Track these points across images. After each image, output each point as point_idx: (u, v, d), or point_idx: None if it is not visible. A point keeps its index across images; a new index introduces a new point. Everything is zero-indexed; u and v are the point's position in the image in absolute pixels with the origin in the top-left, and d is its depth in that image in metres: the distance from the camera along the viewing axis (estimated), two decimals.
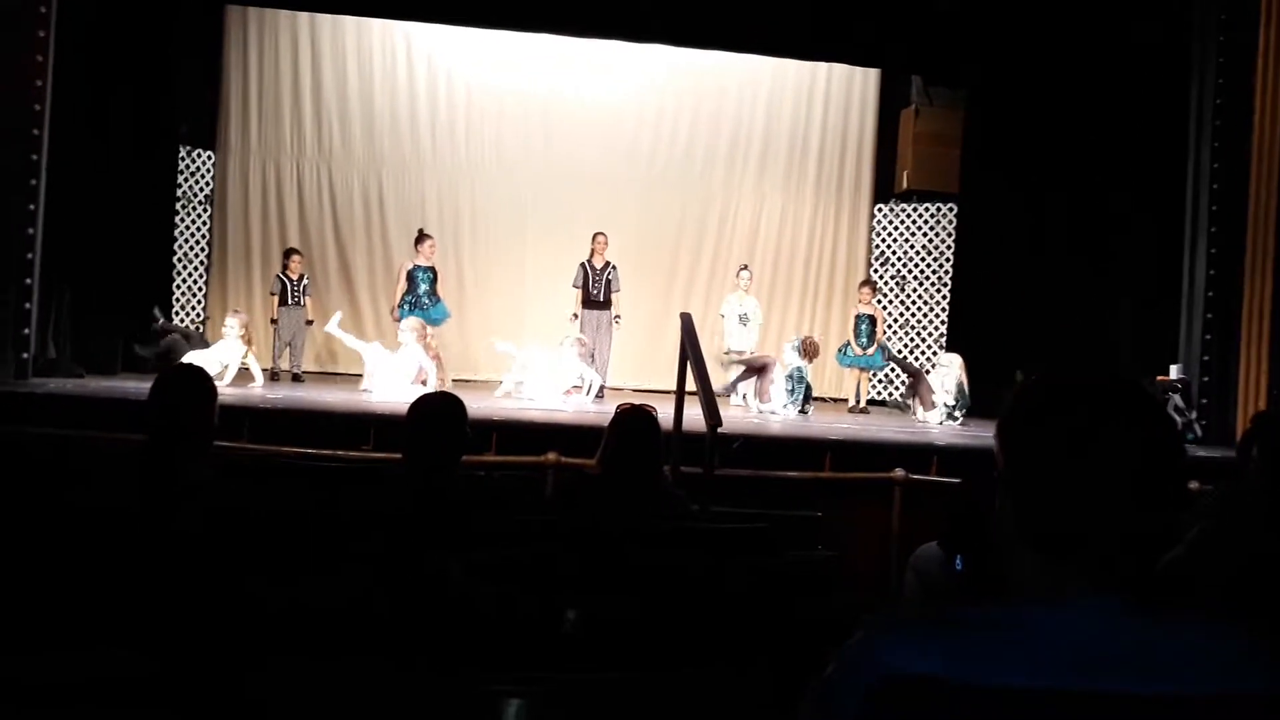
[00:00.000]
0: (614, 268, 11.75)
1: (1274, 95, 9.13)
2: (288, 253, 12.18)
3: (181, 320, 12.42)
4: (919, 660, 1.33)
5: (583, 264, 11.74)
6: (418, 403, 4.08)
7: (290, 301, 11.81)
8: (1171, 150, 10.04)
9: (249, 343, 10.17)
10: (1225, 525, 3.43)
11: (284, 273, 11.91)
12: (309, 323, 12.00)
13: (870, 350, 11.93)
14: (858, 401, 12.08)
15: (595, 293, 11.68)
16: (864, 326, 12.00)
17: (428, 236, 11.78)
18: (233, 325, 10.11)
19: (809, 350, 11.07)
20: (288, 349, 11.77)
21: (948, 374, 11.12)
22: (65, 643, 2.49)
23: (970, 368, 12.22)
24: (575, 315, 11.68)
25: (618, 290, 11.76)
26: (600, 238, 11.77)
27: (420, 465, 3.95)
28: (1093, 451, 1.35)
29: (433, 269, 11.63)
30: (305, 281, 12.04)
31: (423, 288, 11.51)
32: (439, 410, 4.04)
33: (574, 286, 11.73)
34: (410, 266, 11.58)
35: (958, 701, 1.31)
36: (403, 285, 11.52)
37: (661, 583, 3.39)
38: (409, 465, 4.01)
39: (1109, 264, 11.04)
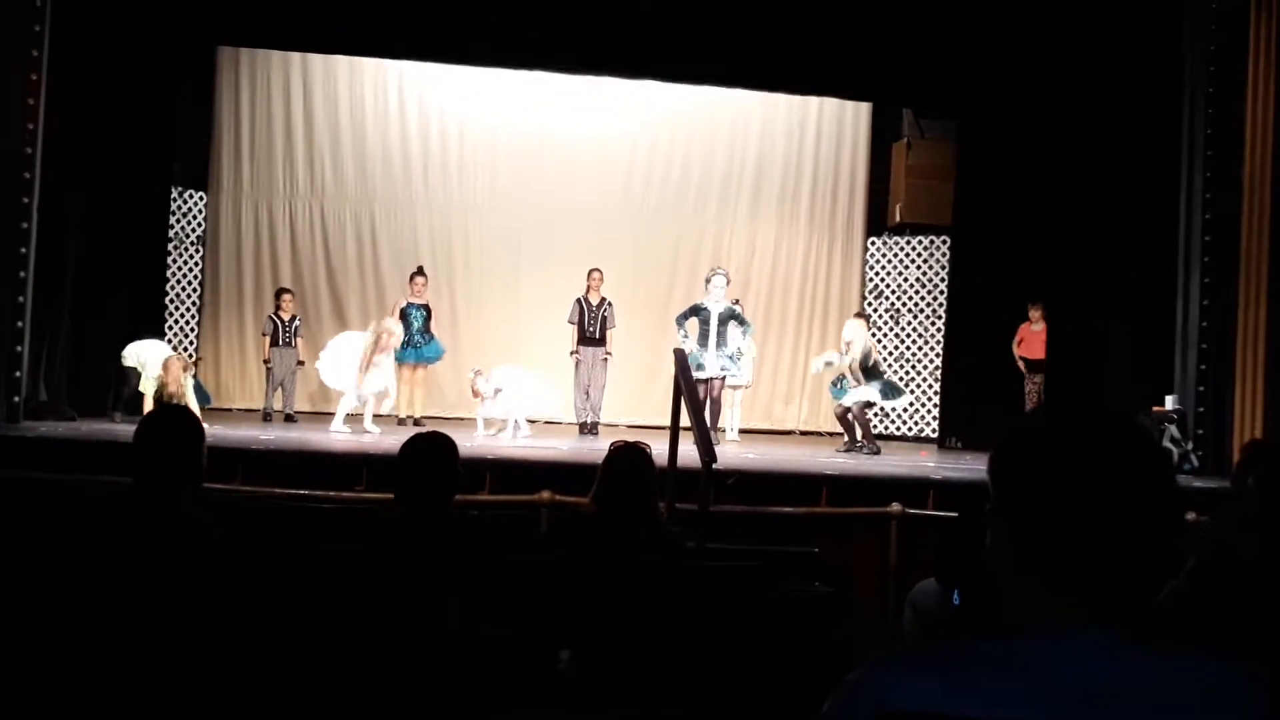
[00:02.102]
0: (610, 304, 11.74)
1: (1264, 125, 9.18)
2: (279, 293, 12.18)
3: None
4: (917, 695, 1.33)
5: (578, 300, 11.72)
6: (410, 443, 4.06)
7: (282, 343, 11.79)
8: (1164, 180, 10.08)
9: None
10: (1222, 555, 3.41)
11: (276, 313, 11.91)
12: (300, 363, 11.99)
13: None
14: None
15: (591, 330, 11.64)
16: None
17: (420, 274, 11.82)
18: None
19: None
20: (280, 390, 11.74)
21: (855, 345, 10.95)
22: (59, 680, 2.46)
23: (965, 399, 12.23)
24: (574, 353, 11.66)
25: (614, 327, 11.75)
26: (595, 274, 11.76)
27: (412, 505, 3.92)
28: (1087, 484, 1.35)
29: (426, 306, 11.66)
30: (297, 322, 12.03)
31: (416, 325, 11.53)
32: (431, 450, 4.01)
33: (569, 323, 11.72)
34: (404, 305, 11.62)
35: None
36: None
37: (657, 621, 3.37)
38: (401, 505, 3.98)
39: (1103, 294, 11.06)
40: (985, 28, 10.98)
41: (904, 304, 13.95)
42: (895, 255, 14.06)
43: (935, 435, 13.04)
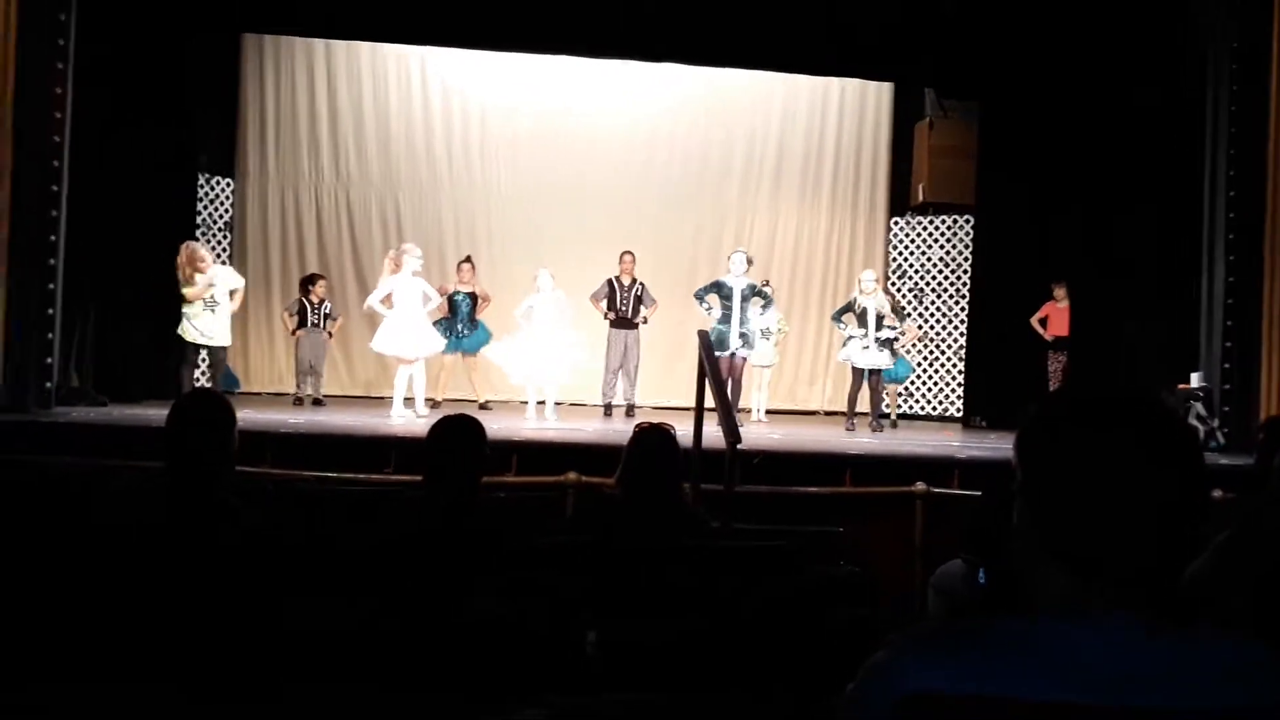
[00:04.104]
0: (643, 285, 11.70)
1: None
2: (312, 278, 12.23)
3: None
4: (941, 677, 1.33)
5: (609, 280, 11.70)
6: (438, 425, 4.08)
7: (310, 324, 11.86)
8: (1188, 157, 10.01)
9: None
10: (1249, 535, 3.40)
11: (306, 297, 11.96)
12: (329, 335, 12.07)
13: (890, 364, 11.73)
14: (883, 416, 11.87)
15: (624, 309, 11.60)
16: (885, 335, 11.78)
17: (466, 262, 11.89)
18: None
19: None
20: (309, 374, 11.78)
21: (877, 294, 11.13)
22: (89, 672, 2.50)
23: (990, 378, 12.17)
24: (607, 315, 11.63)
25: (653, 303, 11.71)
26: (627, 256, 11.71)
27: (441, 488, 3.95)
28: (1113, 466, 1.35)
29: (473, 294, 11.70)
30: (328, 307, 12.08)
31: (462, 312, 11.58)
32: (459, 432, 4.04)
33: (594, 299, 11.68)
34: (452, 290, 11.67)
35: (980, 718, 1.31)
36: (443, 309, 11.61)
37: (683, 602, 3.39)
38: (430, 488, 4.00)
39: (1128, 272, 11.01)
40: (1007, 6, 10.92)
41: (927, 284, 13.90)
42: (918, 235, 14.01)
43: (960, 414, 13.02)
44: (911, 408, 13.68)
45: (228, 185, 13.37)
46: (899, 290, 13.81)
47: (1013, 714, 1.30)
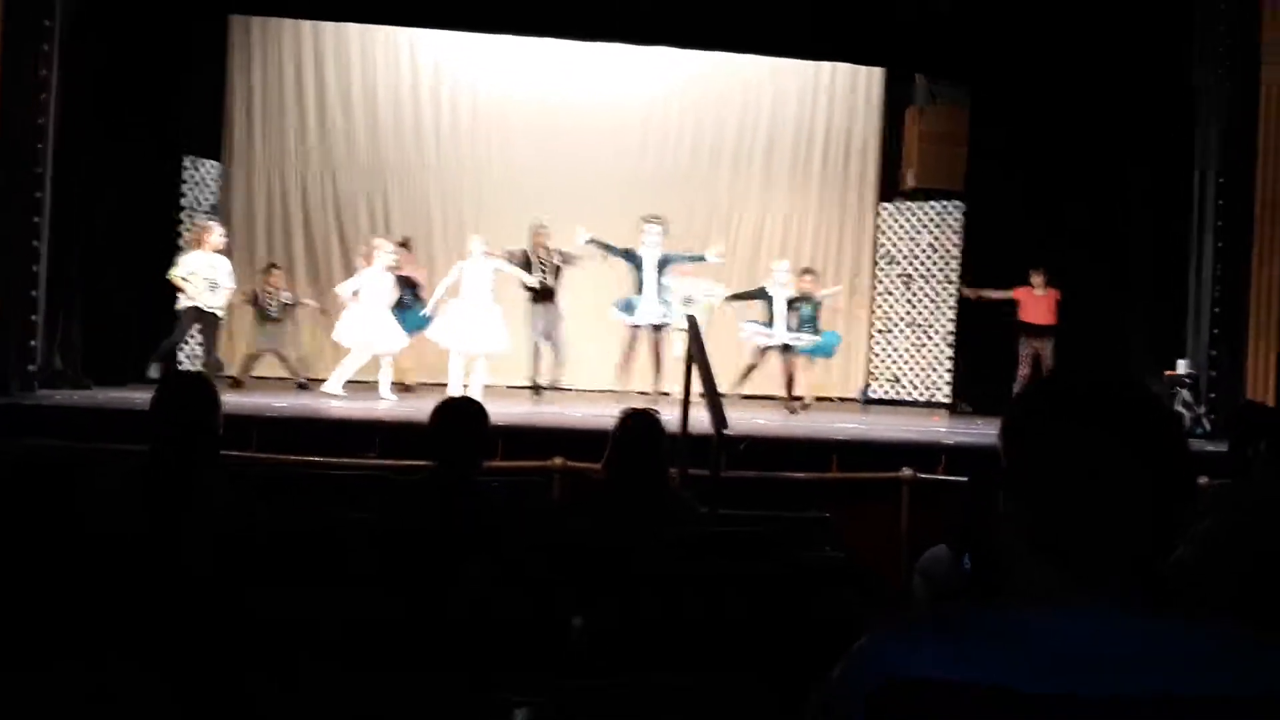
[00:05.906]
0: (561, 253, 11.26)
1: None
2: (267, 269, 11.96)
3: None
4: (923, 663, 1.33)
5: (523, 252, 11.28)
6: (443, 408, 4.04)
7: (272, 317, 11.59)
8: (1178, 142, 10.02)
9: None
10: (1232, 522, 3.41)
11: (264, 287, 11.62)
12: (324, 311, 11.90)
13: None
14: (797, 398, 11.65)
15: (546, 280, 11.19)
16: (806, 312, 11.67)
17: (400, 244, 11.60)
18: None
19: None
20: (279, 362, 11.63)
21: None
22: (72, 655, 2.49)
23: (977, 364, 12.18)
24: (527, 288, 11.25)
25: (577, 259, 11.26)
26: (542, 230, 11.30)
27: (447, 471, 3.92)
28: (1097, 454, 1.35)
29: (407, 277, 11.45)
30: (286, 297, 11.72)
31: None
32: (466, 415, 4.01)
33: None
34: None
35: (962, 705, 1.30)
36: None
37: (669, 588, 3.39)
38: (436, 471, 3.97)
39: (1116, 259, 11.02)
40: None
41: (916, 269, 13.89)
42: (907, 221, 14.00)
43: (947, 400, 13.03)
44: (899, 393, 13.69)
45: (213, 168, 13.29)
46: (887, 275, 13.82)
47: (996, 701, 1.30)
